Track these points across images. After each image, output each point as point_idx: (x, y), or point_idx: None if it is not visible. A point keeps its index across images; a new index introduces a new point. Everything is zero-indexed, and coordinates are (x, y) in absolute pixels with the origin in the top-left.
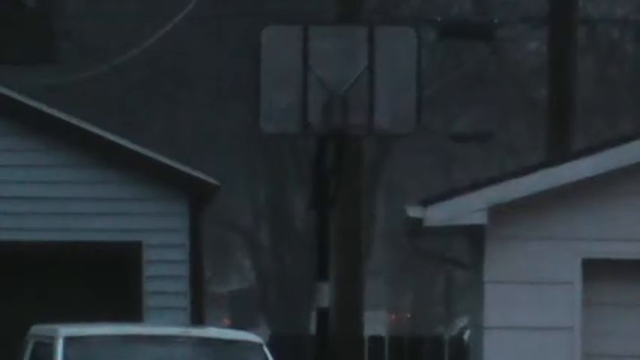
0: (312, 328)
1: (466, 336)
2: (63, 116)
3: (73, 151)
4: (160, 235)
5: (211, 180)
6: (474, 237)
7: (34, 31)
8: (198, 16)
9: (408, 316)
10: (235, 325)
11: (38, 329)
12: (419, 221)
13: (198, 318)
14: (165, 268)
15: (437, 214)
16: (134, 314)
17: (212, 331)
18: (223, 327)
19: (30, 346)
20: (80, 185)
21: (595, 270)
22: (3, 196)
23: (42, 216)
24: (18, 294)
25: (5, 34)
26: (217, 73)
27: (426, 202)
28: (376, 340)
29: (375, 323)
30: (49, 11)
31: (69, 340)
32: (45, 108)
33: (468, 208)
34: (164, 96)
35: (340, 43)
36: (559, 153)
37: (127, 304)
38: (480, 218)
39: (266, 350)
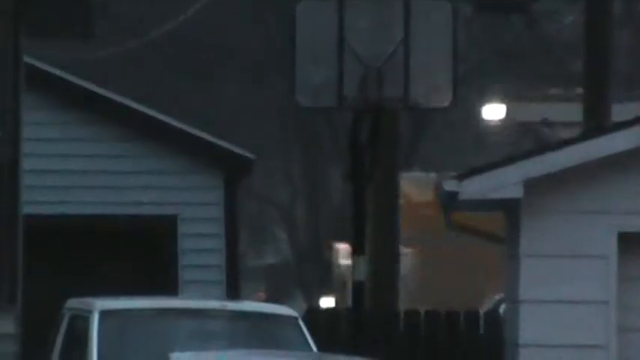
0: (348, 301)
1: (501, 309)
2: (99, 90)
3: (109, 125)
4: (196, 209)
5: (247, 153)
6: (510, 210)
7: (69, 5)
8: None
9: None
10: (271, 299)
11: (74, 302)
12: (454, 194)
13: (233, 292)
14: (200, 241)
15: (472, 188)
16: (170, 288)
17: (248, 305)
18: (259, 300)
19: (66, 319)
20: (116, 159)
21: (631, 244)
22: (39, 170)
23: (77, 189)
24: (54, 267)
25: (40, 8)
26: (253, 46)
27: (461, 176)
28: (411, 313)
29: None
30: None
31: (105, 314)
32: (82, 82)
33: (503, 182)
34: (199, 70)
35: (376, 16)
36: (595, 126)
37: (162, 278)
38: (515, 192)
39: (302, 324)
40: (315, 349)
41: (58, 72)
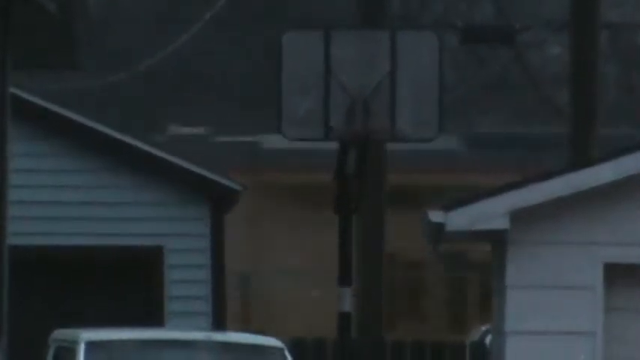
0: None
1: (487, 341)
2: (84, 121)
3: (95, 156)
4: (182, 240)
5: (233, 184)
6: (496, 242)
7: (56, 37)
8: (221, 21)
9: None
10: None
11: (60, 334)
12: (440, 226)
13: (219, 323)
14: (186, 272)
15: (459, 219)
16: (156, 319)
17: (234, 336)
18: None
19: (52, 351)
20: (102, 190)
21: (617, 275)
22: (25, 201)
23: (64, 220)
24: (40, 298)
25: (27, 40)
26: (240, 77)
27: (447, 207)
28: (398, 343)
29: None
30: (72, 17)
31: (91, 345)
32: (67, 113)
33: (489, 213)
34: (186, 100)
35: (362, 48)
36: (581, 158)
37: (148, 309)
38: (501, 223)
39: (287, 354)
40: None
41: (43, 103)
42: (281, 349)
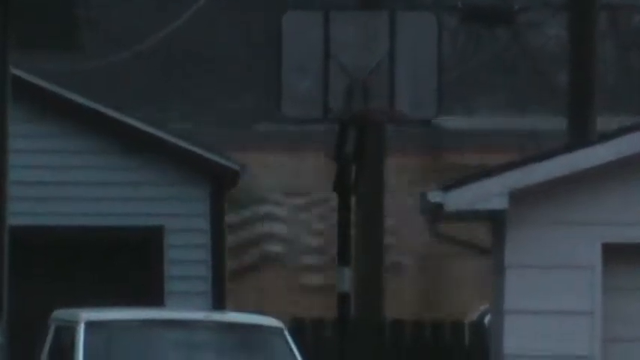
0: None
1: (487, 320)
2: (85, 102)
3: (95, 137)
4: (182, 220)
5: (232, 165)
6: (495, 221)
7: (56, 17)
8: (220, 2)
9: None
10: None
11: (60, 314)
12: (439, 206)
13: (219, 302)
14: (186, 252)
15: (457, 199)
16: (156, 299)
17: (233, 316)
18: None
19: (52, 331)
20: (103, 170)
21: (615, 254)
22: (26, 182)
23: (64, 201)
24: (40, 278)
25: (27, 20)
26: (240, 57)
27: (446, 187)
28: (397, 323)
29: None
30: None
31: (91, 325)
32: (67, 93)
33: (488, 193)
34: (185, 81)
35: (361, 28)
36: (580, 138)
37: (148, 289)
38: (500, 203)
39: (287, 334)
40: (300, 359)
41: (43, 83)
42: (280, 329)
